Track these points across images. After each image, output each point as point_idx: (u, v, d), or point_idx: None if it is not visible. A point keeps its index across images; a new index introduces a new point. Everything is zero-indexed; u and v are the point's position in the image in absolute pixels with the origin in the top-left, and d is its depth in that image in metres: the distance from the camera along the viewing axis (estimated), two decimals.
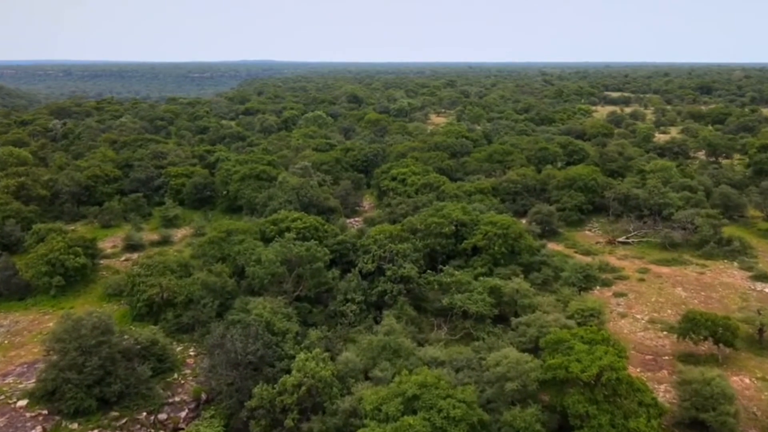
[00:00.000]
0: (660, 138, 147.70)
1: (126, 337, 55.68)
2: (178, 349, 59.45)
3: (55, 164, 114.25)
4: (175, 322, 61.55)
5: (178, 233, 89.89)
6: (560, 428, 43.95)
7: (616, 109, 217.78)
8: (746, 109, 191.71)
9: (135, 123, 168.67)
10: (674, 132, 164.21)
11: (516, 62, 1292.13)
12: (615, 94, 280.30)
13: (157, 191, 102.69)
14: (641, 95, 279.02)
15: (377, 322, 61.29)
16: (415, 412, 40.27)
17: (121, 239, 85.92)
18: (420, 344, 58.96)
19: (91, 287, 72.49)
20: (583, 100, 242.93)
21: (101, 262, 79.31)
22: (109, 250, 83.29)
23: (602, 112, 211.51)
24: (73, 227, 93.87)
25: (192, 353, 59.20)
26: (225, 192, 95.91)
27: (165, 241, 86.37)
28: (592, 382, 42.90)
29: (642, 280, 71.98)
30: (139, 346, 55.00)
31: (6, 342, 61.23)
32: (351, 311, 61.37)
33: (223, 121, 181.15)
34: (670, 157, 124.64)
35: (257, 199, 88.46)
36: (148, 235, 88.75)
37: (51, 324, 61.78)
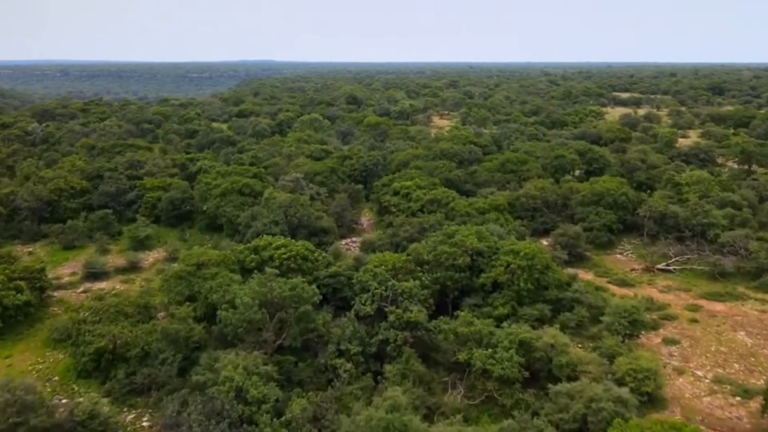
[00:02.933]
0: (682, 143, 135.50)
1: (61, 409, 44.07)
2: (129, 418, 47.77)
3: (21, 173, 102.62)
4: (126, 381, 49.75)
5: (150, 257, 78.08)
6: None
7: (629, 110, 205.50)
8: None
9: (120, 126, 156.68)
10: (694, 135, 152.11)
11: (516, 62, 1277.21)
12: (624, 95, 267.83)
13: (129, 206, 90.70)
14: (651, 96, 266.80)
15: (377, 381, 49.87)
16: None
17: (82, 264, 74.13)
18: (430, 410, 47.53)
19: (37, 328, 60.84)
20: (591, 102, 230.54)
21: (55, 294, 67.75)
22: (66, 279, 71.78)
23: (614, 114, 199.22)
24: (31, 248, 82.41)
25: (146, 424, 47.39)
26: (204, 209, 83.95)
27: (133, 267, 74.69)
28: None
29: (694, 320, 60.25)
30: (73, 421, 43.39)
31: None
32: (345, 370, 49.54)
33: (214, 124, 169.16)
34: (696, 165, 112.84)
35: (239, 218, 76.63)
36: (115, 259, 77.11)
37: None
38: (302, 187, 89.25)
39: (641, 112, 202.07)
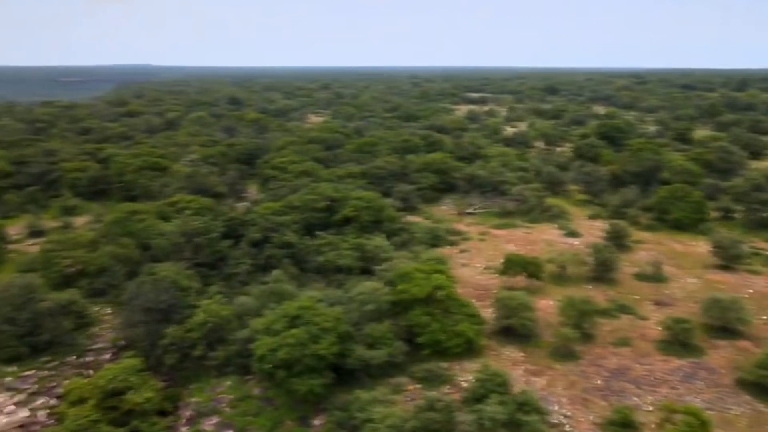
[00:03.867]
0: (509, 131, 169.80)
1: (49, 297, 65.51)
2: (96, 308, 69.42)
3: None
4: (89, 288, 71.36)
5: (79, 220, 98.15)
6: (408, 338, 58.43)
7: (475, 107, 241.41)
8: (581, 106, 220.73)
9: (15, 125, 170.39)
10: (522, 126, 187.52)
11: (388, 66, 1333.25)
12: (475, 95, 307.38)
13: (51, 185, 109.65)
14: (498, 96, 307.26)
15: (266, 284, 74.04)
16: (296, 327, 53.31)
17: (23, 227, 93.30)
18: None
19: (3, 266, 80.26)
20: (445, 100, 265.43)
21: (7, 246, 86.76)
22: (13, 237, 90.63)
23: (463, 110, 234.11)
24: None
25: (108, 312, 69.46)
26: (121, 183, 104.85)
27: (67, 227, 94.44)
28: (428, 299, 58.35)
29: (482, 240, 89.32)
30: (59, 306, 64.89)
31: None
32: (243, 270, 73.84)
33: (106, 123, 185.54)
34: (514, 147, 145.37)
35: (153, 187, 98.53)
36: (50, 223, 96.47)
37: None
38: (199, 166, 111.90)
39: (485, 108, 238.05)
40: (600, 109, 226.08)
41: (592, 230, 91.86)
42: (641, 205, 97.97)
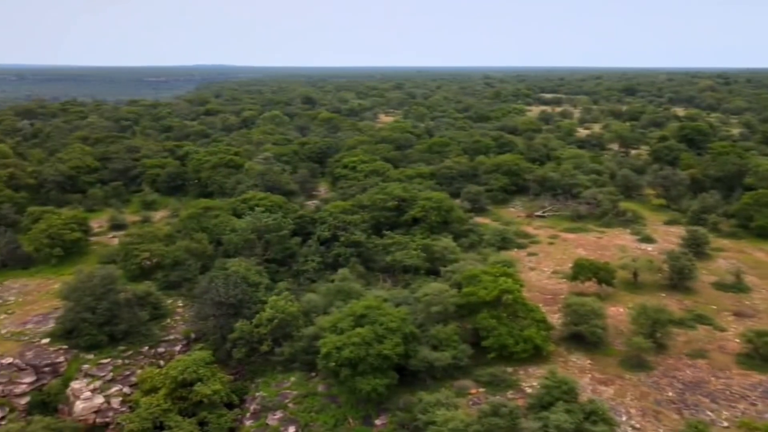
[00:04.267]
0: (582, 133, 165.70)
1: (127, 288, 68.33)
2: (169, 301, 71.98)
3: (34, 158, 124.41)
4: (164, 280, 73.96)
5: (157, 215, 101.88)
6: (473, 341, 57.90)
7: (548, 108, 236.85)
8: (659, 108, 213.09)
9: (102, 123, 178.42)
10: (597, 128, 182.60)
11: (462, 66, 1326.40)
12: (549, 96, 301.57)
13: (134, 180, 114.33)
14: (572, 97, 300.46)
15: (333, 282, 74.80)
16: (362, 326, 53.56)
17: (105, 220, 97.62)
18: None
19: (85, 258, 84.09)
20: (519, 101, 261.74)
21: (90, 239, 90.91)
22: (96, 229, 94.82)
23: (535, 111, 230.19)
24: (61, 212, 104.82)
25: (180, 304, 71.86)
26: (197, 179, 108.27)
27: (145, 221, 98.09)
28: (495, 303, 57.60)
29: (551, 243, 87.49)
30: (137, 297, 67.59)
31: (20, 300, 72.89)
32: (311, 268, 74.93)
33: (186, 122, 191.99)
34: (588, 149, 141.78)
35: (227, 183, 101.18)
36: (130, 217, 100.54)
37: (56, 286, 73.35)
38: (272, 164, 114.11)
39: (559, 109, 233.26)
40: (680, 111, 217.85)
41: (668, 236, 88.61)
42: (722, 212, 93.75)
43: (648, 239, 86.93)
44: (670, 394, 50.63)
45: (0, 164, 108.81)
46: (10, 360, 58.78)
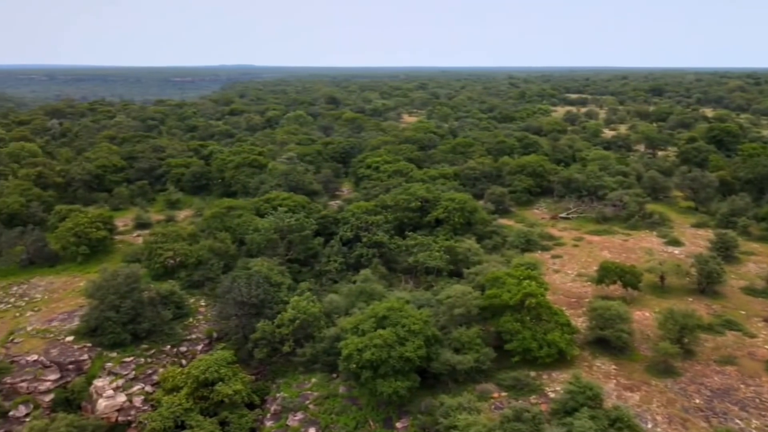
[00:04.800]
0: (608, 134, 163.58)
1: (151, 287, 68.72)
2: (192, 300, 72.20)
3: (62, 158, 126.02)
4: (187, 279, 74.26)
5: (181, 214, 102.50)
6: (496, 344, 57.25)
7: (573, 108, 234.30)
8: (688, 109, 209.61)
9: (129, 122, 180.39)
10: (623, 129, 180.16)
11: (487, 66, 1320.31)
12: (574, 96, 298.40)
13: (159, 179, 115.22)
14: (598, 97, 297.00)
15: (355, 283, 74.49)
16: (384, 328, 53.14)
17: (131, 219, 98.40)
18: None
19: (110, 256, 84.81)
20: (544, 101, 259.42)
21: (115, 237, 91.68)
22: (121, 228, 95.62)
23: (560, 111, 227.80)
24: (87, 210, 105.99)
25: (203, 303, 72.06)
26: (221, 179, 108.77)
27: (170, 220, 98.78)
28: (519, 306, 56.86)
29: (576, 245, 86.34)
30: (160, 295, 67.93)
31: (46, 297, 73.67)
32: (333, 268, 74.74)
33: (211, 122, 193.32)
34: (614, 150, 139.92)
35: (251, 183, 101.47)
36: (155, 216, 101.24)
37: (81, 284, 74.05)
38: (296, 164, 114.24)
39: (584, 110, 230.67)
40: (709, 112, 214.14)
41: (696, 239, 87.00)
42: (753, 215, 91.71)
43: (675, 242, 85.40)
44: (698, 401, 49.54)
45: (29, 163, 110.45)
46: (35, 357, 59.41)
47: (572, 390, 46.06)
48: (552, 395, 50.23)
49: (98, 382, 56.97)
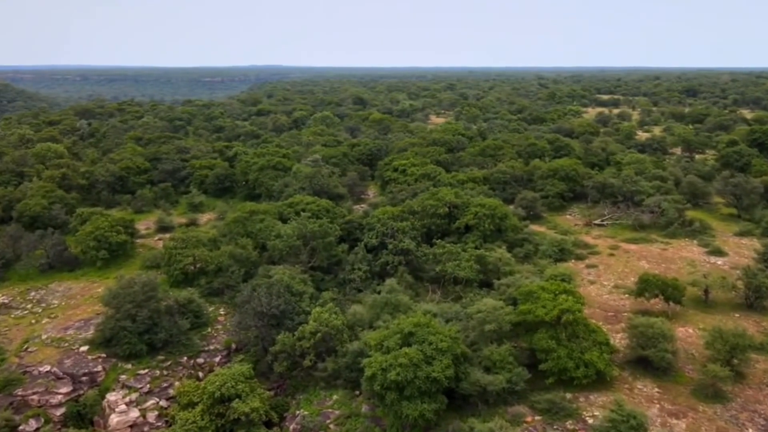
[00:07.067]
0: (642, 136, 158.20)
1: (169, 295, 66.46)
2: (210, 309, 69.90)
3: (88, 158, 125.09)
4: (207, 286, 71.96)
5: (204, 217, 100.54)
6: (530, 363, 53.74)
7: (605, 110, 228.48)
8: (725, 110, 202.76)
9: (156, 123, 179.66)
10: (657, 131, 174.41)
11: (515, 67, 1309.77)
12: (605, 97, 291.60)
13: (182, 181, 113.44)
14: (630, 98, 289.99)
15: (380, 293, 71.35)
16: (410, 345, 49.94)
17: (153, 222, 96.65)
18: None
19: (130, 261, 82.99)
20: (574, 102, 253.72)
21: (137, 241, 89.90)
22: (143, 231, 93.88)
23: (592, 113, 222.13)
24: (108, 213, 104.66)
25: (222, 312, 69.72)
26: (245, 181, 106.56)
27: (192, 224, 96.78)
28: (554, 323, 53.28)
29: (612, 254, 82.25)
30: (178, 304, 65.62)
31: (63, 304, 71.96)
32: (358, 277, 71.78)
33: (237, 122, 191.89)
34: (649, 153, 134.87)
35: (275, 186, 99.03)
36: (177, 219, 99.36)
37: (100, 290, 72.26)
38: (321, 166, 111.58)
39: (616, 111, 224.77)
40: (747, 113, 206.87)
41: (740, 249, 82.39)
42: None
43: (718, 252, 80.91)
44: (751, 430, 45.61)
45: (54, 164, 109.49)
46: (48, 368, 57.45)
47: (614, 419, 42.49)
48: (590, 420, 46.78)
49: (111, 396, 54.78)
